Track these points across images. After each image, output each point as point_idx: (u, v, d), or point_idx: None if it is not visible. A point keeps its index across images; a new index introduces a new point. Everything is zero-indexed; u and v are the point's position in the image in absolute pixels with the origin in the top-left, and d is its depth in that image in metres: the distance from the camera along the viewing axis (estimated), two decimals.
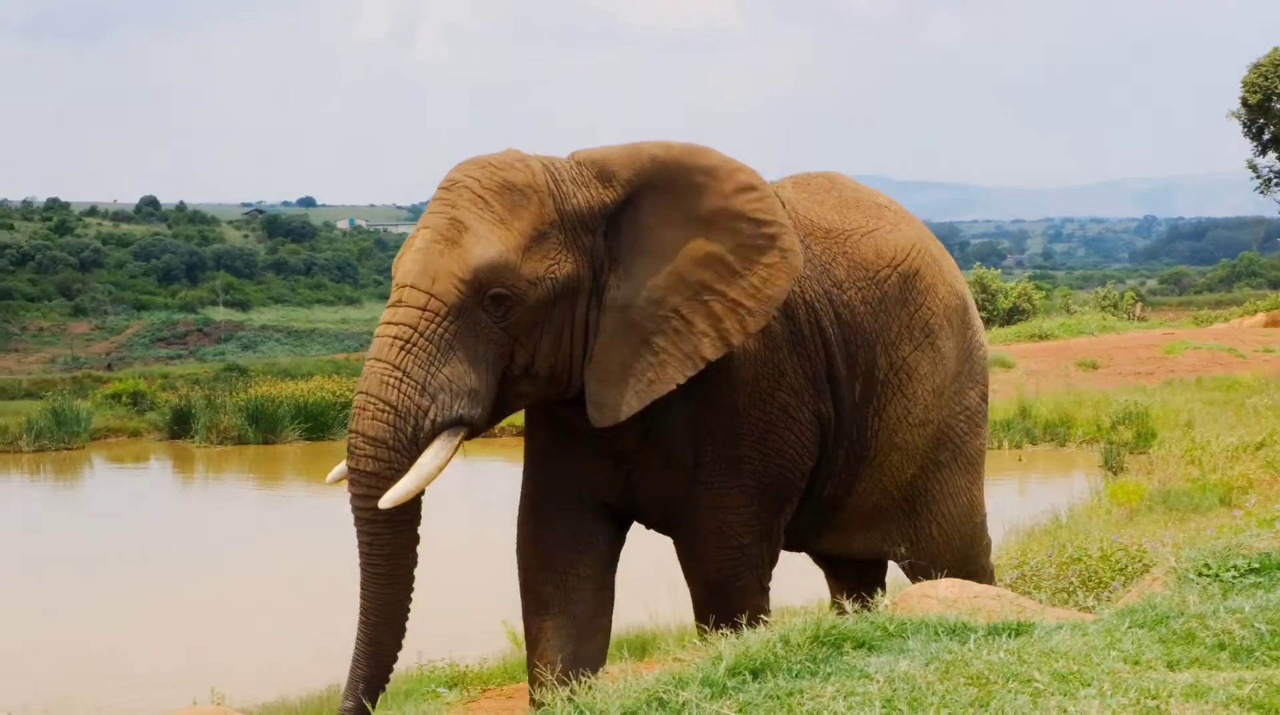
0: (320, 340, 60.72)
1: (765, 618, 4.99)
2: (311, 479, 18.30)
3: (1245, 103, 32.29)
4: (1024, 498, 15.24)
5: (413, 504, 4.49)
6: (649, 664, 6.70)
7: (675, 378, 4.71)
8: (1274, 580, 4.19)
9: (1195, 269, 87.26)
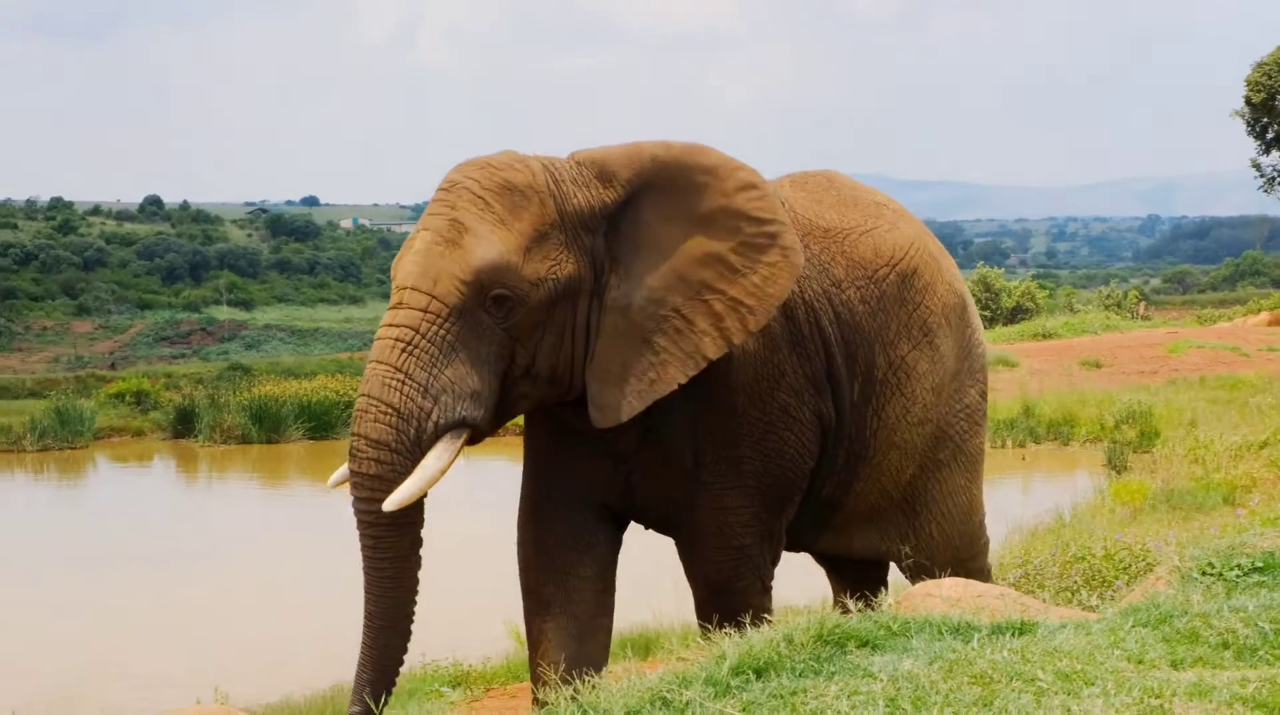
0: (324, 339, 60.78)
1: (768, 617, 4.99)
2: (315, 478, 18.29)
3: (1249, 101, 32.28)
4: (1027, 497, 15.24)
5: (416, 506, 4.46)
6: (652, 663, 6.70)
7: (677, 377, 4.69)
8: (1278, 579, 4.19)
9: (1199, 268, 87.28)
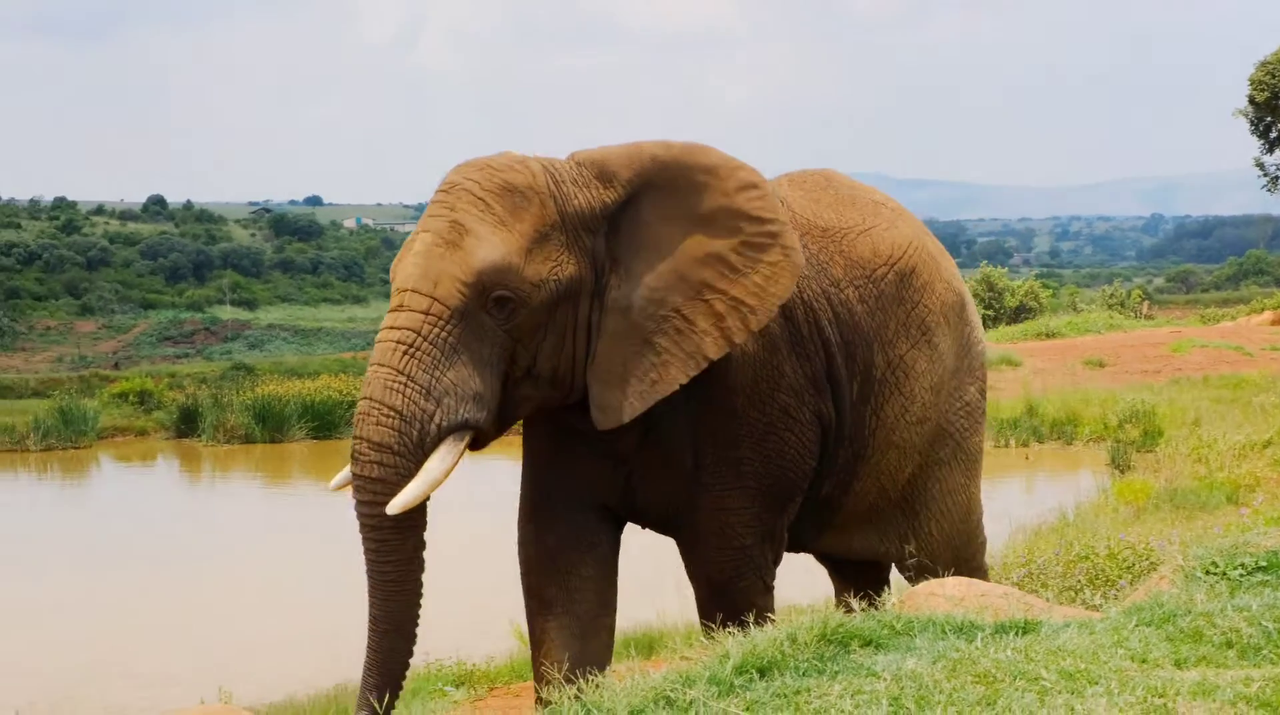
0: (327, 339, 60.85)
1: (771, 616, 4.99)
2: (318, 478, 18.30)
3: (1252, 100, 32.24)
4: (1031, 496, 15.23)
5: (419, 509, 4.43)
6: (656, 662, 6.70)
7: (678, 378, 4.67)
8: None
9: (1202, 267, 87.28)
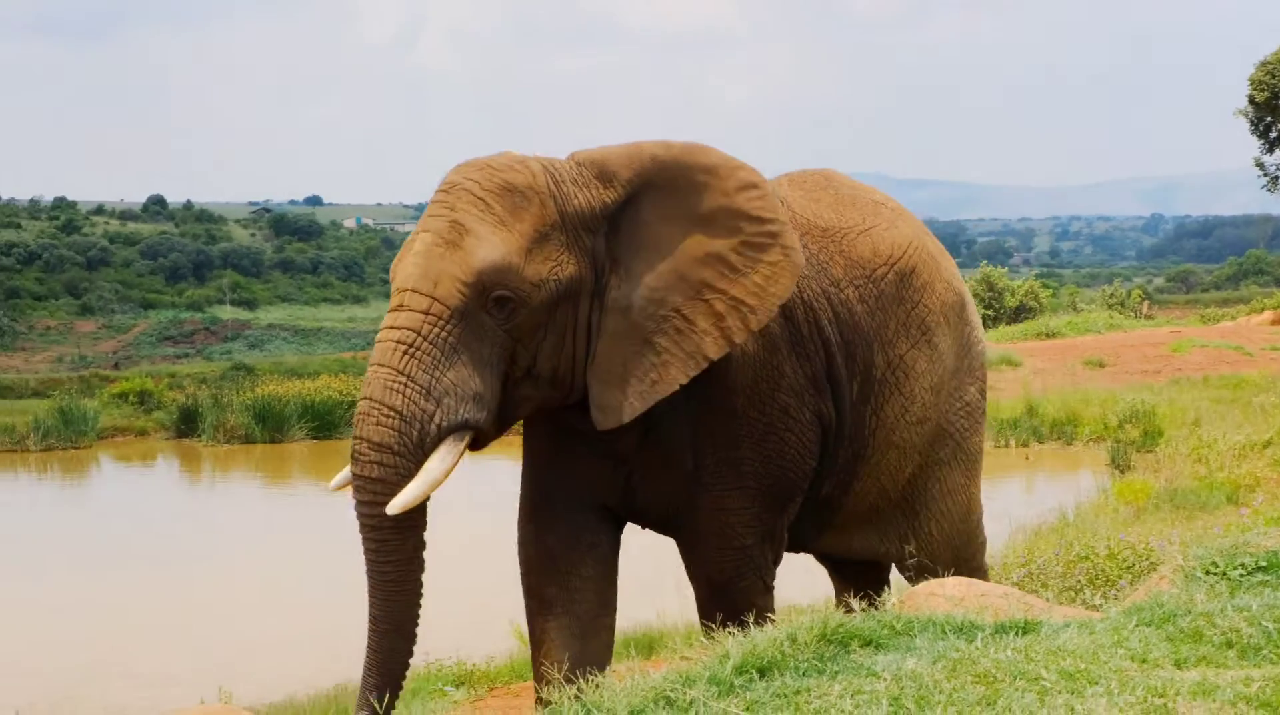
0: (327, 339, 60.83)
1: (771, 616, 4.99)
2: (318, 478, 18.30)
3: (1253, 100, 32.23)
4: (1031, 496, 15.23)
5: (419, 509, 4.43)
6: (656, 662, 6.70)
7: (678, 378, 4.66)
8: None
9: (1202, 267, 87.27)
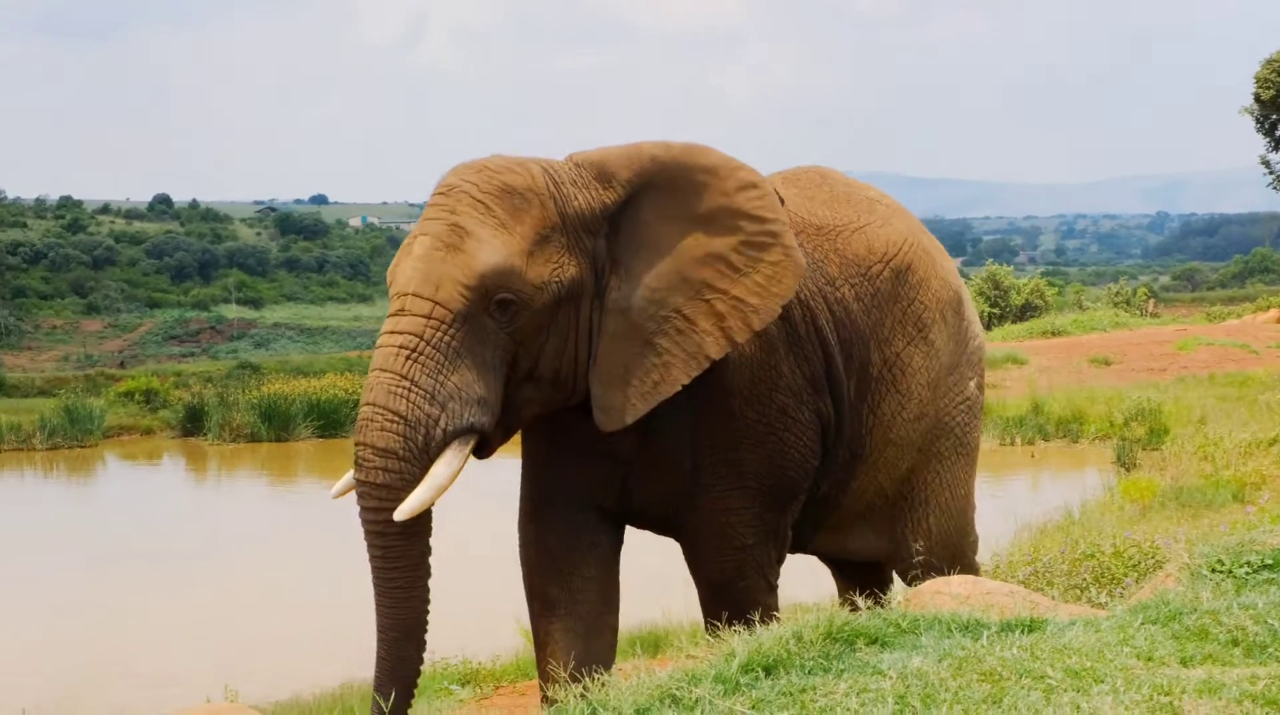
0: (333, 337, 60.82)
1: (775, 615, 4.98)
2: (324, 476, 18.32)
3: (1258, 98, 32.22)
4: (1037, 494, 15.22)
5: (425, 514, 4.39)
6: (661, 661, 6.70)
7: (680, 378, 4.65)
8: None
9: (1208, 265, 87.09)
